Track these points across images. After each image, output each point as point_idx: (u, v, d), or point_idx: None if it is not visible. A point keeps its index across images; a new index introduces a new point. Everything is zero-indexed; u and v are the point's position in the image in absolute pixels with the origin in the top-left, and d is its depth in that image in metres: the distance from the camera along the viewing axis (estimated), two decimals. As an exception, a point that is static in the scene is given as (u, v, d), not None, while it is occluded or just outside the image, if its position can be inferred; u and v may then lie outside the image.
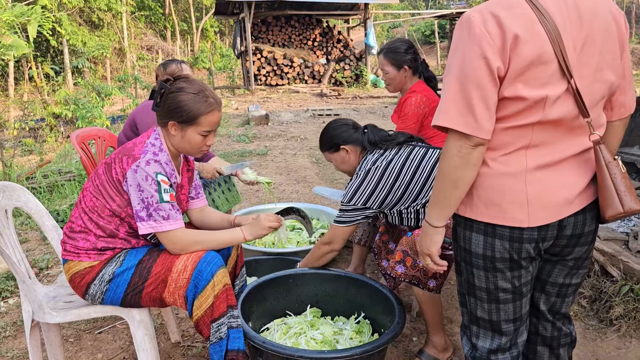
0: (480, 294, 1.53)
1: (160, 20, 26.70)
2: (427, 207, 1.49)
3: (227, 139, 8.68)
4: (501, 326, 1.55)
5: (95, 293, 1.96)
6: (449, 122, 1.32)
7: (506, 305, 1.52)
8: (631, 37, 22.86)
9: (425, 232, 1.51)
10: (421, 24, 27.63)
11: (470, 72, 1.29)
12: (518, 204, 1.38)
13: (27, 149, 8.12)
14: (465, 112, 1.30)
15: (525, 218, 1.38)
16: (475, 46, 1.28)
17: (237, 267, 2.30)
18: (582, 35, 1.32)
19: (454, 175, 1.36)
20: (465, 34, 1.31)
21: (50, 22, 13.69)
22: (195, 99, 1.92)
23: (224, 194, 3.45)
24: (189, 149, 2.01)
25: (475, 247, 1.48)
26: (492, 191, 1.39)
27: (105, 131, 3.52)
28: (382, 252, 2.61)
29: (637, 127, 4.94)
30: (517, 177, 1.37)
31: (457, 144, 1.33)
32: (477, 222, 1.45)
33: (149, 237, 2.05)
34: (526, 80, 1.29)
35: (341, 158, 2.50)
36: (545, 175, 1.38)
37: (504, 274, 1.48)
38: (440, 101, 1.37)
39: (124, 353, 2.55)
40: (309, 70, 15.77)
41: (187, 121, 1.93)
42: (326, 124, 2.60)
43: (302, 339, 2.30)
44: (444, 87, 1.36)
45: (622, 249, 3.06)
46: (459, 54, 1.32)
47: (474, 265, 1.50)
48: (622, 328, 2.63)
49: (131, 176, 1.87)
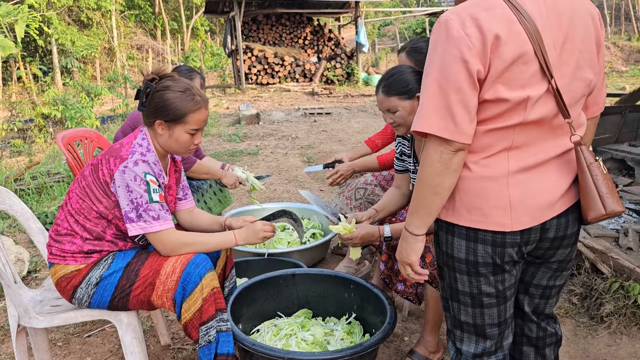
0: (464, 298, 1.50)
1: (150, 19, 26.55)
2: (407, 215, 1.46)
3: (218, 138, 8.64)
4: (485, 330, 1.53)
5: (82, 297, 1.93)
6: (429, 127, 1.29)
7: (490, 310, 1.50)
8: (620, 34, 23.03)
9: (406, 240, 1.48)
10: (412, 22, 27.65)
11: (449, 76, 1.27)
12: (501, 208, 1.36)
13: (15, 150, 8.05)
14: (445, 117, 1.28)
15: (508, 222, 1.36)
16: (454, 49, 1.26)
17: (227, 269, 2.28)
18: (561, 33, 1.32)
19: (434, 182, 1.34)
20: (444, 37, 1.28)
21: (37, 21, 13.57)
22: (181, 97, 1.90)
23: (215, 196, 3.43)
24: (177, 148, 1.99)
25: (457, 251, 1.45)
26: (474, 195, 1.37)
27: (93, 132, 3.48)
28: (393, 278, 2.57)
29: (627, 124, 4.96)
30: (499, 181, 1.35)
31: (437, 149, 1.31)
32: (459, 227, 1.42)
33: (137, 239, 2.02)
34: (507, 82, 1.27)
35: (412, 107, 2.17)
36: (527, 178, 1.37)
37: (487, 278, 1.45)
38: (419, 106, 1.35)
39: (113, 356, 2.53)
40: (300, 68, 15.74)
41: (174, 120, 1.91)
42: (395, 67, 2.25)
43: (292, 341, 2.28)
44: (423, 91, 1.33)
45: (612, 246, 3.07)
46: (438, 57, 1.29)
47: (457, 270, 1.48)
48: (612, 325, 2.63)
49: (119, 177, 1.84)
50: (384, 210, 2.51)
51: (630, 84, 14.32)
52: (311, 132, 9.14)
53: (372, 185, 3.03)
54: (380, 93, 2.20)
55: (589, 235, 3.24)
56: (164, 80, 1.94)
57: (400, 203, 2.55)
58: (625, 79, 16.25)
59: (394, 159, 2.54)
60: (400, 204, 2.55)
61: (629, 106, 5.01)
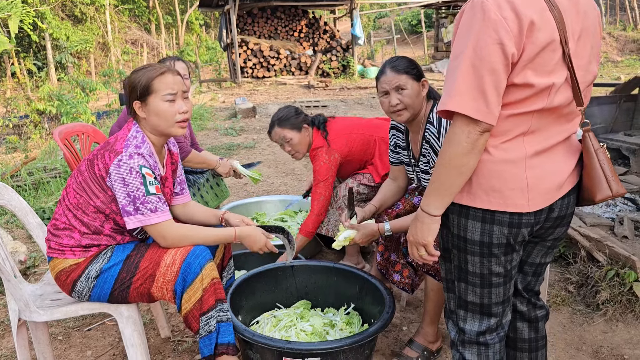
0: (473, 279, 1.54)
1: (145, 13, 26.39)
2: (425, 196, 1.46)
3: (215, 132, 8.63)
4: (492, 309, 1.58)
5: (82, 290, 1.94)
6: (461, 107, 1.30)
7: (497, 289, 1.55)
8: (615, 24, 23.02)
9: (422, 221, 1.48)
10: (407, 14, 27.57)
11: (485, 57, 1.27)
12: (519, 190, 1.40)
13: (11, 146, 8.03)
14: (477, 97, 1.29)
15: (525, 203, 1.41)
16: (491, 31, 1.26)
17: (225, 259, 2.29)
18: (579, 26, 1.36)
19: (459, 162, 1.35)
20: (479, 18, 1.28)
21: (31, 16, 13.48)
22: (142, 71, 1.94)
23: (212, 189, 3.44)
24: (164, 123, 1.95)
25: (471, 233, 1.48)
26: (494, 178, 1.40)
27: (89, 126, 3.48)
28: (389, 269, 2.59)
29: (621, 114, 4.98)
30: (518, 164, 1.40)
31: (465, 129, 1.32)
32: (474, 209, 1.45)
33: (136, 233, 2.03)
34: (535, 68, 1.31)
35: (418, 90, 2.21)
36: (541, 161, 1.42)
37: (498, 258, 1.50)
38: (447, 84, 1.34)
39: (113, 349, 2.54)
40: (296, 61, 15.70)
41: (144, 93, 1.92)
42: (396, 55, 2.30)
43: (292, 331, 2.30)
44: (453, 71, 1.32)
45: (607, 234, 3.10)
46: (472, 38, 1.29)
47: (469, 252, 1.51)
48: (608, 312, 2.66)
49: (114, 171, 1.84)
50: (384, 205, 2.53)
51: (625, 73, 14.34)
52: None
53: (355, 186, 3.06)
54: (388, 72, 2.18)
55: (584, 224, 3.26)
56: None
57: (397, 196, 2.56)
58: (621, 69, 16.27)
59: (389, 151, 2.54)
60: (398, 197, 2.56)
61: (624, 96, 5.03)
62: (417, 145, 2.31)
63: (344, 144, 2.99)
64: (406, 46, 23.14)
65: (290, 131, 2.99)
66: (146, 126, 1.98)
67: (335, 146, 2.97)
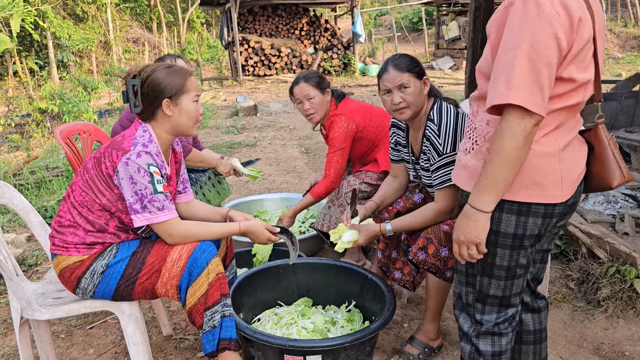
0: (499, 272, 1.57)
1: (146, 12, 26.37)
2: (476, 192, 1.45)
3: (216, 130, 8.63)
4: (511, 300, 1.62)
5: (87, 286, 1.95)
6: (521, 99, 1.30)
7: (519, 280, 1.59)
8: (616, 20, 22.95)
9: (474, 219, 1.46)
10: (408, 11, 27.52)
11: (542, 51, 1.29)
12: (557, 181, 1.46)
13: (13, 145, 8.04)
14: (535, 91, 1.31)
15: (560, 194, 1.47)
16: (547, 25, 1.29)
17: (227, 258, 2.30)
18: (599, 27, 1.43)
19: (515, 156, 1.36)
20: (534, 13, 1.30)
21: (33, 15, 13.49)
22: (170, 71, 1.96)
23: (214, 187, 3.45)
24: (188, 122, 2.00)
25: (505, 227, 1.50)
26: (536, 172, 1.44)
27: (91, 125, 3.48)
28: (390, 267, 2.59)
29: (623, 111, 4.98)
30: (555, 157, 1.45)
31: (521, 122, 1.32)
32: (510, 202, 1.47)
33: (140, 231, 2.04)
34: (578, 63, 1.36)
35: (421, 88, 2.21)
36: (568, 154, 1.48)
37: (526, 250, 1.54)
38: (501, 78, 1.34)
39: (115, 347, 2.55)
40: (297, 59, 15.69)
41: (177, 92, 1.94)
42: (398, 53, 2.30)
43: (293, 329, 2.31)
44: (506, 65, 1.33)
45: (608, 231, 3.10)
46: (528, 32, 1.30)
47: (499, 245, 1.53)
48: (609, 309, 2.66)
49: (122, 169, 1.85)
50: (385, 202, 2.53)
51: (626, 70, 14.29)
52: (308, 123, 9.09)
53: (357, 184, 3.08)
54: (391, 70, 2.18)
55: (585, 220, 3.26)
56: (144, 70, 1.96)
57: (398, 193, 2.56)
58: (622, 66, 16.22)
59: (389, 149, 2.55)
60: (399, 194, 2.57)
61: (625, 92, 5.02)
62: (417, 142, 2.31)
63: (361, 117, 3.06)
64: (407, 44, 23.11)
65: (314, 89, 3.02)
66: (164, 125, 1.99)
67: (354, 117, 3.03)
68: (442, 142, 2.13)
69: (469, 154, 1.58)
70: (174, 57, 3.09)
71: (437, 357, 2.39)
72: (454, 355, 2.40)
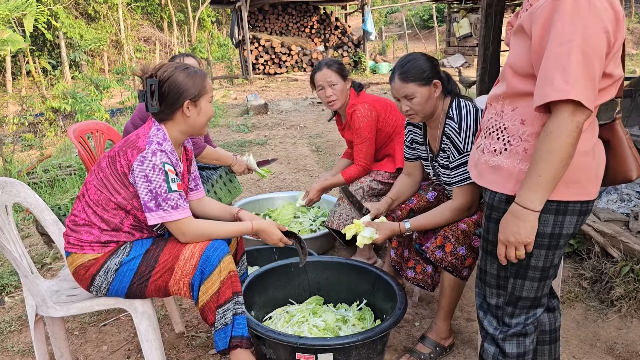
0: (534, 273, 1.55)
1: (157, 11, 26.49)
2: (526, 191, 1.40)
3: (227, 129, 8.66)
4: (541, 300, 1.62)
5: (101, 284, 1.97)
6: (580, 95, 1.28)
7: (550, 280, 1.60)
8: (630, 16, 22.67)
9: (524, 219, 1.42)
10: (419, 8, 27.38)
11: (595, 45, 1.29)
12: (593, 178, 1.46)
13: (27, 144, 8.12)
14: (588, 86, 1.29)
15: (595, 190, 1.48)
16: (599, 19, 1.29)
17: (238, 254, 2.32)
18: None
19: (569, 152, 1.33)
20: (585, 6, 1.29)
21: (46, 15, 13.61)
22: (189, 72, 1.97)
23: (225, 186, 3.47)
24: (205, 122, 2.04)
25: (543, 227, 1.48)
26: (578, 170, 1.43)
27: (103, 124, 3.51)
28: (403, 266, 2.58)
29: (637, 108, 4.91)
30: (590, 154, 1.45)
31: (574, 118, 1.30)
32: (548, 202, 1.43)
33: (155, 229, 2.06)
34: (615, 59, 1.37)
35: (429, 94, 2.16)
36: (598, 150, 1.50)
37: (561, 250, 1.54)
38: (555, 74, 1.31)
39: (128, 344, 2.57)
40: (307, 58, 15.69)
41: (198, 94, 1.97)
42: (408, 55, 2.23)
43: (304, 327, 2.31)
44: (561, 59, 1.30)
45: (622, 229, 3.07)
46: (580, 25, 1.29)
47: (536, 246, 1.50)
48: (622, 308, 2.64)
49: (138, 167, 1.87)
50: (399, 199, 2.54)
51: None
52: (319, 121, 9.14)
53: (367, 182, 3.10)
54: (396, 80, 2.18)
55: (598, 219, 3.23)
56: (161, 70, 1.97)
57: (412, 190, 2.56)
58: (636, 62, 16.02)
59: (404, 147, 2.54)
60: (412, 192, 2.57)
61: (639, 89, 4.96)
62: (435, 140, 2.31)
63: (381, 107, 3.08)
64: (418, 41, 23.00)
65: (337, 75, 3.04)
66: (180, 125, 2.00)
67: (375, 105, 3.05)
68: (463, 140, 2.14)
69: (499, 155, 1.53)
70: (184, 55, 3.12)
71: (448, 356, 2.39)
72: (466, 354, 2.39)
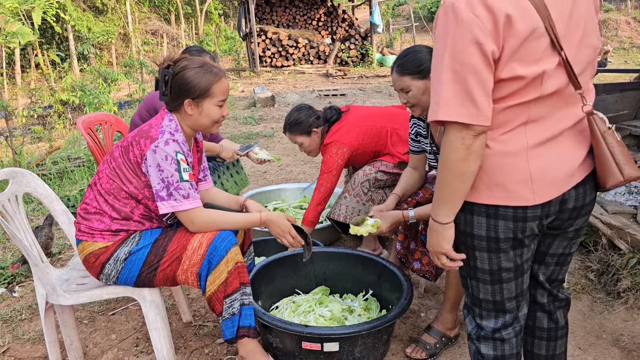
0: (483, 276, 1.52)
1: (164, 3, 26.49)
2: (433, 205, 1.43)
3: (234, 121, 8.68)
4: (505, 305, 1.55)
5: (111, 272, 2.00)
6: (450, 115, 1.27)
7: (509, 284, 1.52)
8: None
9: (435, 231, 1.45)
10: (427, 1, 27.22)
11: (464, 60, 1.24)
12: (522, 182, 1.36)
13: (36, 136, 8.17)
14: (464, 102, 1.26)
15: (530, 196, 1.37)
16: (466, 32, 1.23)
17: (245, 244, 2.34)
18: (569, 5, 1.31)
19: (459, 169, 1.32)
20: (452, 22, 1.25)
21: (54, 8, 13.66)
22: (201, 72, 1.95)
23: (232, 178, 3.48)
24: (208, 123, 2.03)
25: (477, 229, 1.45)
26: (495, 172, 1.37)
27: (112, 116, 3.54)
28: (409, 257, 2.60)
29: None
30: (519, 155, 1.35)
31: (458, 135, 1.29)
32: (478, 205, 1.42)
33: (165, 218, 2.08)
34: (521, 59, 1.27)
35: (425, 87, 2.18)
36: (546, 151, 1.36)
37: (507, 254, 1.46)
38: (432, 93, 1.32)
39: (137, 333, 2.61)
40: (314, 50, 15.66)
41: (201, 95, 1.96)
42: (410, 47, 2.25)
43: (311, 317, 2.33)
44: (435, 79, 1.30)
45: (629, 222, 3.06)
46: (448, 42, 1.26)
47: (477, 248, 1.48)
48: (629, 300, 2.63)
49: (151, 156, 1.89)
50: (406, 194, 2.54)
51: (651, 59, 13.98)
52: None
53: (373, 173, 3.10)
54: (394, 73, 2.21)
55: (606, 211, 3.22)
56: (179, 62, 1.98)
57: (418, 184, 2.57)
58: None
59: (409, 140, 2.55)
60: (418, 185, 2.57)
61: (649, 82, 4.91)
62: (439, 133, 2.31)
63: (354, 137, 3.04)
64: (425, 34, 22.89)
65: (300, 136, 3.13)
66: (185, 120, 2.02)
67: (346, 140, 3.02)
68: None
69: None
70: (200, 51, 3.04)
71: (453, 346, 2.40)
72: (471, 345, 2.40)
